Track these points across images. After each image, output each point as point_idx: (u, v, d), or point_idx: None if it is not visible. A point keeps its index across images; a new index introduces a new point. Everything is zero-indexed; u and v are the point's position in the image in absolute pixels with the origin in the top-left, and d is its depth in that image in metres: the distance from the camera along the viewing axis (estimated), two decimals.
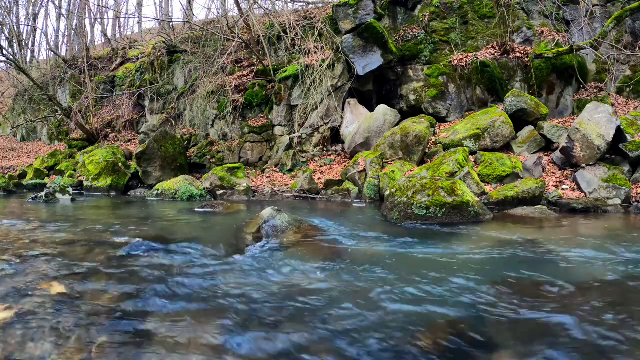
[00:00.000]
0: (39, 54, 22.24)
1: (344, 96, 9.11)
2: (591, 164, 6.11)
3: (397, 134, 7.51)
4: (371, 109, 8.81)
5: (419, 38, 9.38)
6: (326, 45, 9.36)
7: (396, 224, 4.43)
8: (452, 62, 8.81)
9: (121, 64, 14.82)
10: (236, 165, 8.63)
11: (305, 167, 8.64)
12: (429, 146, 7.61)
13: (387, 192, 5.01)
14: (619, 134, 6.22)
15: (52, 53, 17.42)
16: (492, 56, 8.60)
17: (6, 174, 10.68)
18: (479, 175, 6.34)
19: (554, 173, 6.47)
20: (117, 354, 1.67)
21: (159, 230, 4.09)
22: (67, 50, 18.26)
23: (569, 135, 6.32)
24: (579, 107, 8.10)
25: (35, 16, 18.90)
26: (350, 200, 6.76)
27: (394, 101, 9.21)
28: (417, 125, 7.53)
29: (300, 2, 11.67)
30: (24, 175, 10.69)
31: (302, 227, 3.99)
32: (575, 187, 6.01)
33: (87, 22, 18.78)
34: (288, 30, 9.95)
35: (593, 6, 8.62)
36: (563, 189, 6.04)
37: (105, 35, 17.78)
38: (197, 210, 5.62)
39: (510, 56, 8.54)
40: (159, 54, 12.61)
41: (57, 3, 19.54)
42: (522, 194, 5.52)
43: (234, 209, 5.60)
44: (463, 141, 7.20)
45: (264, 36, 10.47)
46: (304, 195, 7.19)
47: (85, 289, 2.36)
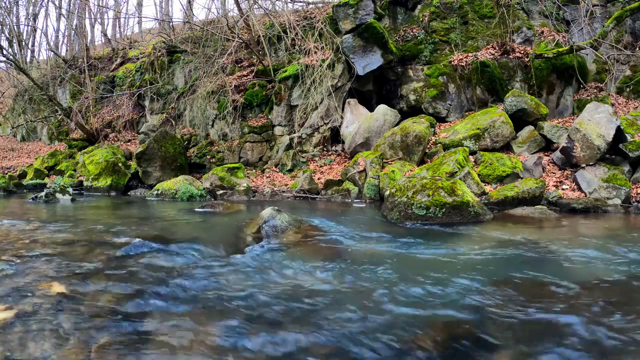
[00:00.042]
0: (39, 54, 22.25)
1: (344, 96, 9.10)
2: (591, 164, 6.11)
3: (397, 134, 7.50)
4: (371, 109, 8.80)
5: (419, 38, 9.38)
6: (326, 45, 9.35)
7: (396, 224, 4.43)
8: (452, 62, 8.81)
9: (121, 64, 14.81)
10: (236, 165, 8.63)
11: (305, 167, 8.64)
12: (429, 146, 7.60)
13: (387, 192, 5.01)
14: (619, 134, 6.22)
15: (52, 53, 17.41)
16: (492, 56, 8.59)
17: (6, 174, 10.67)
18: (479, 175, 6.34)
19: (554, 173, 6.47)
20: (117, 355, 1.67)
21: (159, 231, 4.08)
22: (67, 50, 18.25)
23: (569, 135, 6.32)
24: (579, 107, 8.10)
25: (35, 16, 18.90)
26: (350, 200, 6.76)
27: (394, 101, 9.21)
28: (417, 125, 7.53)
29: (300, 2, 11.68)
30: (24, 175, 10.68)
31: (302, 227, 3.98)
32: (575, 187, 6.01)
33: (87, 22, 18.79)
34: (288, 30, 9.94)
35: (593, 6, 8.61)
36: (563, 189, 6.03)
37: (105, 35, 17.77)
38: (197, 210, 5.62)
39: (510, 56, 8.53)
40: (159, 54, 12.60)
41: (57, 3, 19.56)
42: (522, 194, 5.52)
43: (234, 209, 5.59)
44: (463, 141, 7.19)
45: (264, 36, 10.46)
46: (304, 195, 7.18)
47: (85, 289, 2.35)
